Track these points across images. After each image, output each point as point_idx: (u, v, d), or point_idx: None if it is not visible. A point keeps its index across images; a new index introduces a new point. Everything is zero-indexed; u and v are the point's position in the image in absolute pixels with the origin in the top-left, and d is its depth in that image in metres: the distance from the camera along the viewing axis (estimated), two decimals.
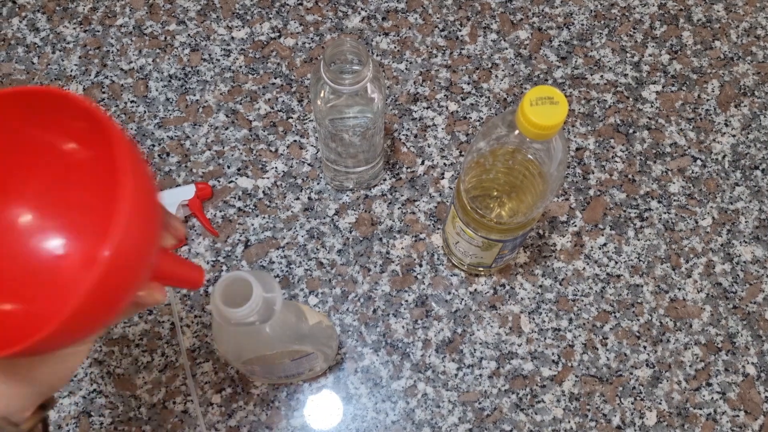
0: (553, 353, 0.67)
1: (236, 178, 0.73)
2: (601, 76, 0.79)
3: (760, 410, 0.65)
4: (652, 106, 0.77)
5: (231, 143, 0.74)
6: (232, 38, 0.79)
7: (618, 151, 0.75)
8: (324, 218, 0.71)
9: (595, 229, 0.72)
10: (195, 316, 0.67)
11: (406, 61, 0.78)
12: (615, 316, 0.68)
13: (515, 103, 0.77)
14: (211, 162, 0.73)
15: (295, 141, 0.74)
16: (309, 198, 0.72)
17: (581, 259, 0.70)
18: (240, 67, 0.78)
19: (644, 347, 0.67)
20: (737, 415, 0.65)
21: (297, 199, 0.72)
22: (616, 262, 0.70)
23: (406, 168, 0.74)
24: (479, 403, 0.65)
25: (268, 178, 0.73)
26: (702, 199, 0.73)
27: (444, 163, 0.74)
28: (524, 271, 0.70)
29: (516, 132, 0.47)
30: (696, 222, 0.72)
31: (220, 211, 0.71)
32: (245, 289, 0.45)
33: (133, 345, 0.66)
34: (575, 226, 0.72)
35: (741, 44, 0.81)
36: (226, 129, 0.75)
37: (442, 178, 0.73)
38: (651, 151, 0.75)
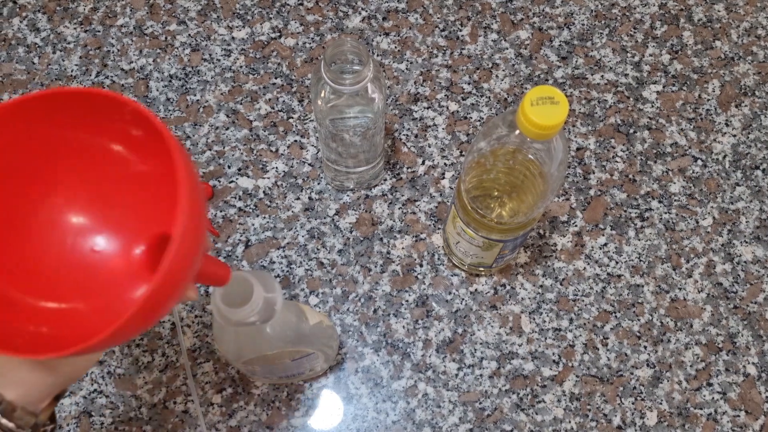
0: (553, 353, 0.67)
1: (237, 178, 0.73)
2: (602, 76, 0.78)
3: (761, 410, 0.65)
4: (652, 106, 0.77)
5: (231, 143, 0.74)
6: (233, 38, 0.79)
7: (618, 151, 0.75)
8: (324, 218, 0.71)
9: (596, 229, 0.72)
10: (196, 316, 0.67)
11: (407, 61, 0.78)
12: (615, 316, 0.68)
13: (516, 103, 0.77)
14: (212, 162, 0.73)
15: (295, 141, 0.74)
16: (309, 198, 0.72)
17: (582, 259, 0.70)
18: (240, 67, 0.78)
19: (645, 347, 0.67)
20: (738, 415, 0.65)
21: (297, 199, 0.72)
22: (616, 262, 0.70)
23: (407, 168, 0.74)
24: (480, 403, 0.65)
25: (268, 178, 0.73)
26: (702, 199, 0.73)
27: (444, 163, 0.74)
28: (525, 271, 0.70)
29: (517, 132, 0.47)
30: (697, 222, 0.72)
31: (220, 211, 0.71)
32: (246, 290, 0.45)
33: (133, 345, 0.66)
34: (576, 226, 0.72)
35: (741, 44, 0.81)
36: (227, 129, 0.75)
37: (443, 178, 0.73)
38: (651, 151, 0.75)
